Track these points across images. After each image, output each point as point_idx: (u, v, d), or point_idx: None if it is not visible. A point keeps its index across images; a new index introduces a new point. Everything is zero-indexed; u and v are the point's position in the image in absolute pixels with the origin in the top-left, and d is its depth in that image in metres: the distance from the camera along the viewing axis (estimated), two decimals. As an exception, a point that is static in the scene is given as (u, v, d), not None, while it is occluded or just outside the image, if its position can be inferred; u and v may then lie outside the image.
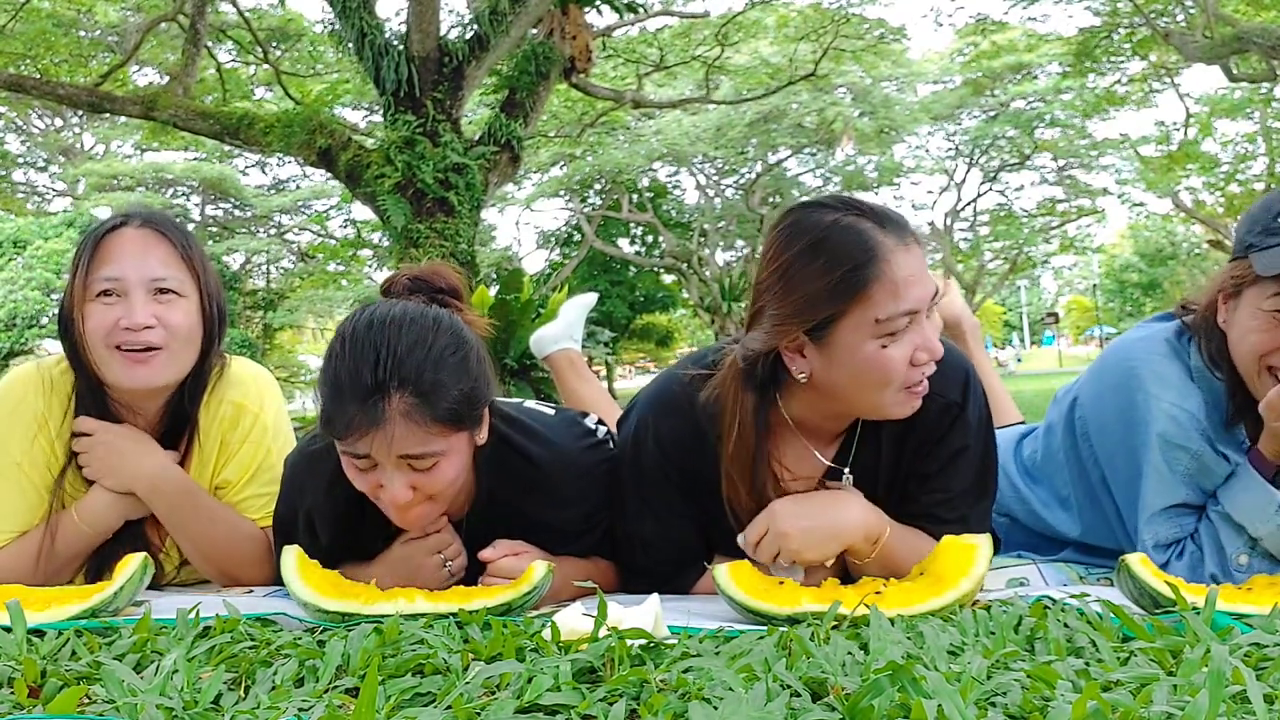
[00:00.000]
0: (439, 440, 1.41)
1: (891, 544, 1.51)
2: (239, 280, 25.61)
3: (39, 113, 24.51)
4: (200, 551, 1.77)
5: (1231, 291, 1.58)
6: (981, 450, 1.59)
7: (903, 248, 1.39)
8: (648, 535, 1.61)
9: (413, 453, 1.40)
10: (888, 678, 0.91)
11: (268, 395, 1.86)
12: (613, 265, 29.94)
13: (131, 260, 1.68)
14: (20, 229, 19.96)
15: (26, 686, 1.04)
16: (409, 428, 1.37)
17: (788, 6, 18.35)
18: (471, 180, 9.67)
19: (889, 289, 1.37)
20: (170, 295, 1.70)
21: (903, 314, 1.38)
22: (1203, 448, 1.59)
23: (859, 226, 1.39)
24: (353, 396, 1.37)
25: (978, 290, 29.59)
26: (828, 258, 1.38)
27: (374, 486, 1.45)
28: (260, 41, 14.76)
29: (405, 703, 0.97)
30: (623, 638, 1.10)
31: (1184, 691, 0.92)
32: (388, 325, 1.41)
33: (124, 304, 1.66)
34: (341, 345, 1.42)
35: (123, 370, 1.68)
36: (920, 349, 1.41)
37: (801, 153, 25.46)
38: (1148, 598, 1.32)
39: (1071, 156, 25.71)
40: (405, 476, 1.42)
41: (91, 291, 1.67)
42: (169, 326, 1.69)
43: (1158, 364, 1.65)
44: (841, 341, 1.40)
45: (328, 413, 1.42)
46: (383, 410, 1.36)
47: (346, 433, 1.39)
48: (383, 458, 1.40)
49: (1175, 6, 16.27)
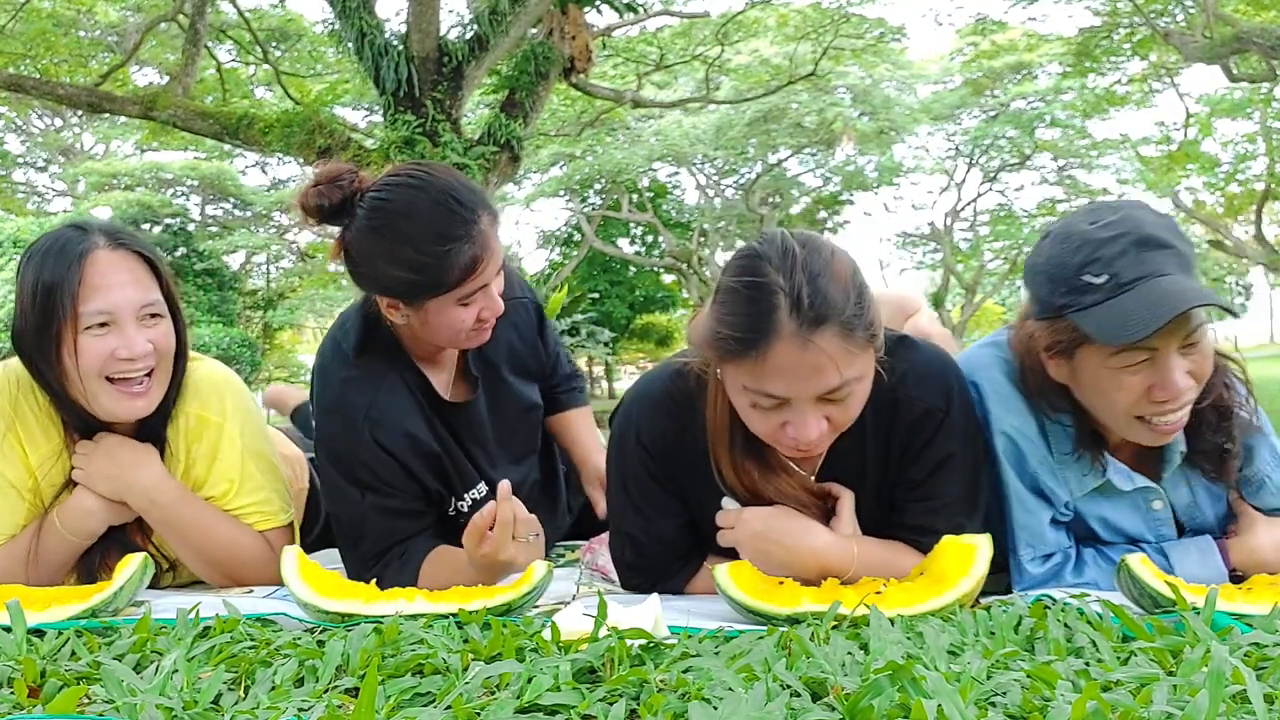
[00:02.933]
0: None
1: (859, 575, 1.49)
2: (239, 280, 25.61)
3: (39, 113, 24.52)
4: (202, 559, 1.77)
5: (1061, 352, 1.51)
6: (972, 460, 1.57)
7: (797, 341, 1.31)
8: (635, 532, 1.62)
9: (502, 261, 1.64)
10: (888, 678, 0.91)
11: (230, 404, 1.80)
12: (613, 265, 29.94)
13: (120, 290, 1.63)
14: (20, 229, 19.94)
15: (26, 686, 1.04)
16: (497, 239, 1.59)
17: (788, 6, 18.35)
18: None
19: (755, 369, 1.34)
20: (156, 318, 1.68)
21: (766, 395, 1.36)
22: (1038, 470, 1.58)
23: (769, 302, 1.32)
24: (462, 237, 1.58)
25: (977, 290, 29.57)
26: (727, 312, 1.36)
27: (475, 315, 1.64)
28: (260, 41, 14.76)
29: (405, 703, 0.97)
30: (623, 638, 1.10)
31: (1184, 691, 0.92)
32: (438, 180, 1.60)
33: (118, 334, 1.62)
34: (415, 209, 1.58)
35: (116, 403, 1.66)
36: (790, 425, 1.38)
37: (801, 153, 25.46)
38: (1148, 598, 1.32)
39: (1071, 156, 25.68)
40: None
41: (82, 325, 1.61)
42: (160, 350, 1.68)
43: (1000, 384, 1.62)
44: (725, 377, 1.43)
45: (444, 266, 1.57)
46: (483, 232, 1.58)
47: (472, 269, 1.58)
48: (492, 275, 1.62)
49: (1175, 6, 16.27)
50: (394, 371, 1.72)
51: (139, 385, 1.66)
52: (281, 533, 1.81)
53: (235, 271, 25.49)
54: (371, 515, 1.69)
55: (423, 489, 1.75)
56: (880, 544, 1.56)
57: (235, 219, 27.00)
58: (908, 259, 34.52)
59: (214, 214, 27.18)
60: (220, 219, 27.08)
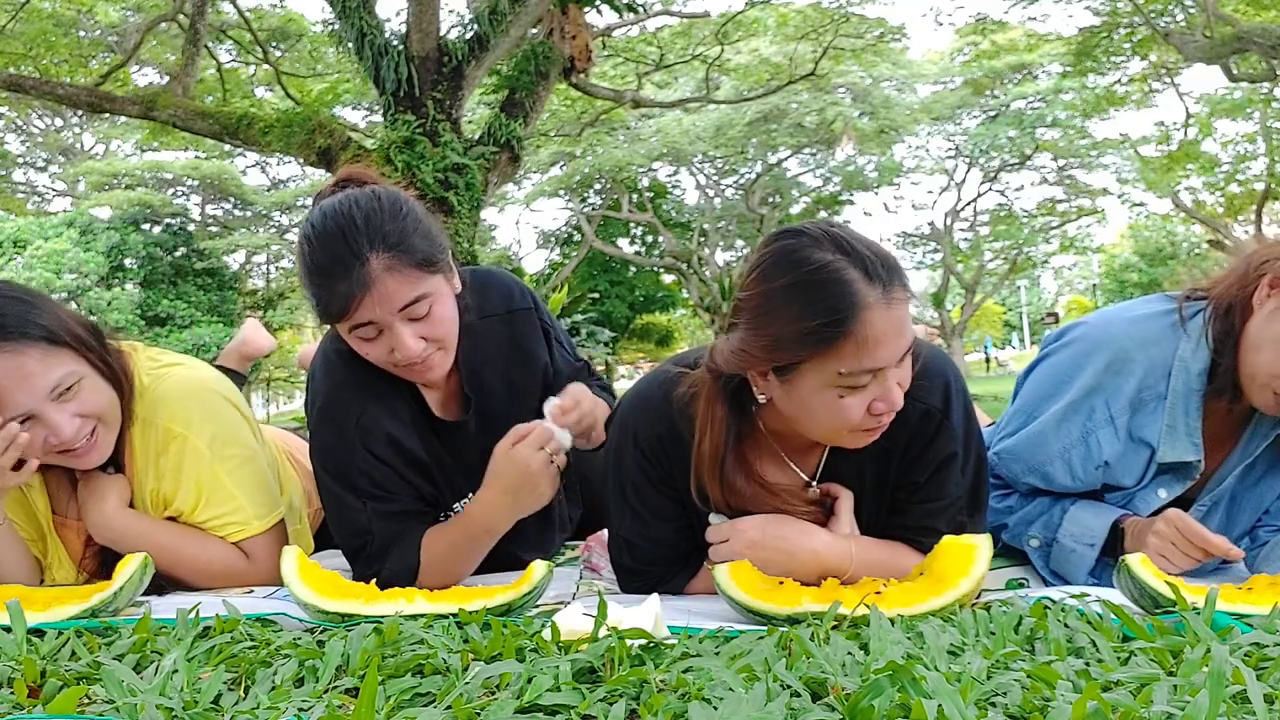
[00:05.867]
0: (425, 282, 1.58)
1: (858, 574, 1.50)
2: (239, 279, 25.62)
3: (39, 113, 24.52)
4: (178, 576, 1.75)
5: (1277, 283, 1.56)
6: (974, 460, 1.57)
7: (883, 304, 1.33)
8: (632, 536, 1.61)
9: (407, 300, 1.57)
10: (888, 678, 0.91)
11: (198, 415, 1.76)
12: (613, 265, 29.94)
13: (23, 387, 1.58)
14: (20, 229, 19.99)
15: (26, 686, 1.04)
16: (396, 279, 1.56)
17: (788, 6, 18.35)
18: (471, 180, 9.67)
19: (858, 347, 1.33)
20: (72, 389, 1.63)
21: (866, 371, 1.35)
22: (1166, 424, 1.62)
23: (844, 277, 1.33)
24: (339, 274, 1.55)
25: (978, 290, 29.58)
26: (804, 304, 1.34)
27: (387, 354, 1.61)
28: (260, 41, 14.76)
29: (405, 703, 0.97)
30: (623, 638, 1.10)
31: (1184, 691, 0.92)
32: (340, 209, 1.59)
33: (41, 425, 1.61)
34: (309, 241, 1.60)
35: (70, 466, 1.69)
36: (879, 400, 1.38)
37: (801, 153, 25.49)
38: (1148, 598, 1.32)
39: (1071, 156, 25.70)
40: (410, 329, 1.59)
41: (10, 418, 1.60)
42: (93, 414, 1.66)
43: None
44: (802, 382, 1.39)
45: (323, 301, 1.59)
46: (368, 272, 1.54)
47: (345, 308, 1.56)
48: (384, 316, 1.57)
49: (1175, 6, 16.26)
50: (384, 382, 1.71)
51: (84, 446, 1.66)
52: (261, 539, 1.77)
53: (235, 271, 25.52)
54: (375, 521, 1.69)
55: (419, 491, 1.75)
56: (879, 544, 1.56)
57: (235, 219, 27.02)
58: (908, 259, 34.45)
59: (214, 214, 27.20)
60: (220, 219, 27.09)
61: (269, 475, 1.85)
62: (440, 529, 1.72)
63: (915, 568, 1.48)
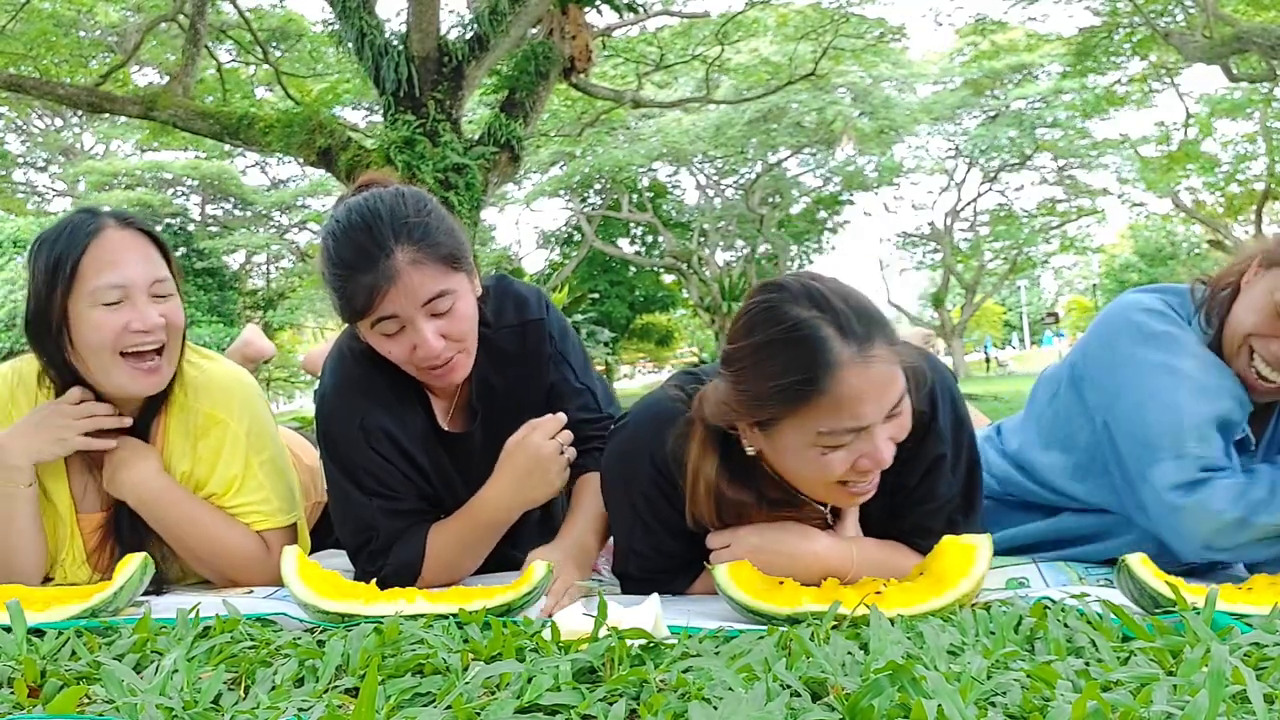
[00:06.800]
0: (449, 278, 1.59)
1: (859, 576, 1.50)
2: (239, 279, 25.63)
3: (39, 113, 24.50)
4: (193, 556, 1.77)
5: (1265, 264, 1.62)
6: (966, 459, 1.57)
7: (859, 362, 1.31)
8: (639, 547, 1.61)
9: (432, 294, 1.57)
10: (888, 678, 0.91)
11: (239, 404, 1.80)
12: (613, 265, 29.94)
13: (132, 266, 1.66)
14: (20, 229, 19.96)
15: (26, 686, 1.04)
16: (421, 273, 1.56)
17: (788, 6, 18.34)
18: (471, 180, 9.66)
19: (835, 405, 1.32)
20: (167, 296, 1.70)
21: (846, 430, 1.34)
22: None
23: (819, 335, 1.32)
24: (365, 267, 1.55)
25: (978, 290, 29.59)
26: (780, 362, 1.33)
27: (409, 352, 1.60)
28: (260, 41, 14.75)
29: (405, 703, 0.97)
30: (623, 638, 1.10)
31: (1184, 691, 0.92)
32: (365, 204, 1.60)
33: (130, 307, 1.65)
34: (334, 236, 1.60)
35: (130, 379, 1.68)
36: (865, 457, 1.36)
37: (801, 153, 25.47)
38: (1148, 598, 1.32)
39: (1071, 156, 25.70)
40: (432, 325, 1.58)
41: (96, 299, 1.64)
42: (171, 325, 1.70)
43: (1173, 324, 1.69)
44: (782, 439, 1.39)
45: (347, 295, 1.57)
46: (394, 265, 1.54)
47: (370, 301, 1.55)
48: (408, 310, 1.56)
49: (1175, 6, 16.26)
50: (394, 389, 1.71)
51: (150, 361, 1.69)
52: (281, 534, 1.81)
53: (235, 271, 25.53)
54: (380, 517, 1.69)
55: (423, 491, 1.75)
56: (880, 545, 1.56)
57: (235, 219, 27.02)
58: (908, 259, 34.50)
59: (214, 214, 27.21)
60: (220, 219, 27.10)
61: (292, 475, 1.89)
62: (446, 522, 1.73)
63: (915, 568, 1.49)
